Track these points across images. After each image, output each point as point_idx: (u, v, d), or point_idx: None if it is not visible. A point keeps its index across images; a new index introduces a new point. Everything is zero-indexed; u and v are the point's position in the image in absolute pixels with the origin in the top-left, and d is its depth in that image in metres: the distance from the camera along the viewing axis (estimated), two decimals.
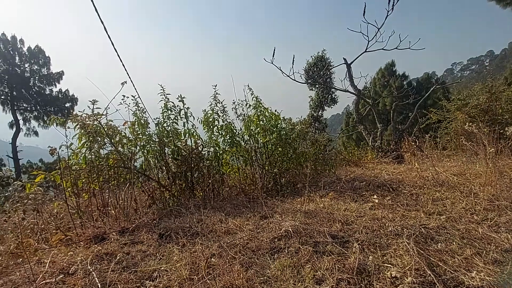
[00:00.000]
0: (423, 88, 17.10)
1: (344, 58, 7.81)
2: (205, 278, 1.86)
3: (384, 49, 7.00)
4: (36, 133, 24.72)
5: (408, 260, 1.96)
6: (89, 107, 3.36)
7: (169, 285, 1.85)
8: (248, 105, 5.02)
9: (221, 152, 4.86)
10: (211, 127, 4.90)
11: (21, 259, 2.40)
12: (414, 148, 6.16)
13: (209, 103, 4.99)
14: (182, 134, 4.38)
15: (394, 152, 6.63)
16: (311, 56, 14.44)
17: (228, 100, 5.26)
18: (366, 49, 7.17)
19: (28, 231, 2.79)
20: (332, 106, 15.33)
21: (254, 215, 3.25)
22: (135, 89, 4.47)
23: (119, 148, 3.80)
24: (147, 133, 4.16)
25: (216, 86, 5.15)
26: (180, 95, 4.28)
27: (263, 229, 2.78)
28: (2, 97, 23.94)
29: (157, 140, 4.18)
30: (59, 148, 3.39)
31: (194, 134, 4.46)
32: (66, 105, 25.19)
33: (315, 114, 15.36)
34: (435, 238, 2.34)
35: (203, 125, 4.87)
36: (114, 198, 3.36)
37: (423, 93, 13.20)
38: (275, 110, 5.02)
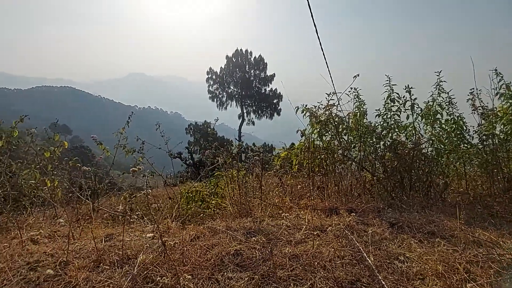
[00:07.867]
0: None
1: None
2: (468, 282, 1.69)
3: None
4: (253, 123, 32.48)
5: None
6: (326, 98, 3.95)
7: (423, 273, 1.85)
8: (497, 93, 3.93)
9: (446, 151, 4.17)
10: (432, 121, 4.32)
11: (281, 211, 3.26)
12: None
13: (431, 92, 4.41)
14: (403, 128, 4.15)
15: None
16: None
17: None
18: None
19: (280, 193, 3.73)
20: None
21: (510, 234, 2.58)
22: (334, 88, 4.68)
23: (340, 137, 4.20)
24: (365, 124, 4.29)
25: (440, 72, 4.44)
26: (408, 85, 4.05)
27: None
28: (236, 95, 33.25)
29: (374, 132, 4.22)
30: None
31: (418, 128, 4.10)
32: (274, 101, 31.16)
33: None
34: None
35: (422, 119, 4.39)
36: (338, 180, 3.79)
37: None
38: None
